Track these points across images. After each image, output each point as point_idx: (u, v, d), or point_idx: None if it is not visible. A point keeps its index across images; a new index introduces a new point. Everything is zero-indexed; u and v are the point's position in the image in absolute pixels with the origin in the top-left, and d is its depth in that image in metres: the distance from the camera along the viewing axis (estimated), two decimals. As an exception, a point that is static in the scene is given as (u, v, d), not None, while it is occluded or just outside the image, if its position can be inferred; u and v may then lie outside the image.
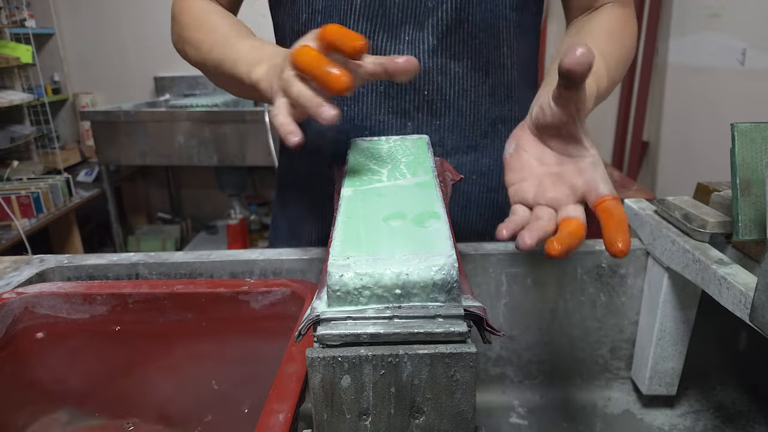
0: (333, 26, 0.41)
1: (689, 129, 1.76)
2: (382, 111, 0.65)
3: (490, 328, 0.30)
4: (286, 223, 0.77)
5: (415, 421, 0.29)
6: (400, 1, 0.61)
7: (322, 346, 0.28)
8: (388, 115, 0.65)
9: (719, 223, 0.52)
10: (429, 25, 0.62)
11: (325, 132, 0.68)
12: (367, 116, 0.65)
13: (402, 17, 0.61)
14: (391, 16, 0.61)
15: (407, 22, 0.62)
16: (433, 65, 0.63)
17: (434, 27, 0.62)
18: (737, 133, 0.46)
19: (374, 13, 0.61)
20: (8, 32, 2.42)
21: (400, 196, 0.38)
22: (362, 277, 0.28)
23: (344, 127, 0.66)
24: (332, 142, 0.68)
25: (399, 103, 0.64)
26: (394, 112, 0.65)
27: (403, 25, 0.62)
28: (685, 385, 0.64)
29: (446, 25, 0.62)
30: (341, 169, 0.49)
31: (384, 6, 0.61)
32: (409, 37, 0.62)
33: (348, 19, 0.62)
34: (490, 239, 0.68)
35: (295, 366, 0.39)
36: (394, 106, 0.65)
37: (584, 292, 0.64)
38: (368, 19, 0.62)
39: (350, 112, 0.66)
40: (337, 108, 0.41)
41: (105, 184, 2.43)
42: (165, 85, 2.89)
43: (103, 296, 0.53)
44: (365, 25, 0.62)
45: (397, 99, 0.64)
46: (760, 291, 0.38)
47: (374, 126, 0.66)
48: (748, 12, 1.45)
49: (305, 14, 0.64)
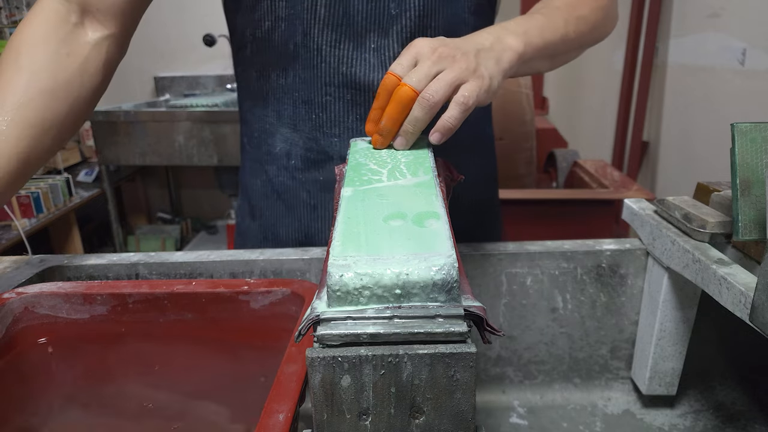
0: None
1: (689, 129, 1.76)
2: (350, 118, 0.65)
3: (490, 328, 0.30)
4: (257, 229, 0.75)
5: (415, 421, 0.29)
6: (363, 9, 0.60)
7: (322, 346, 0.28)
8: (357, 122, 0.65)
9: (719, 223, 0.52)
10: (393, 32, 0.62)
11: (295, 139, 0.67)
12: (336, 123, 0.65)
13: (366, 25, 0.61)
14: (355, 25, 0.61)
15: (372, 30, 0.61)
16: None
17: (399, 34, 0.62)
18: (737, 133, 0.46)
19: (338, 22, 0.61)
20: (8, 32, 2.42)
21: (400, 196, 0.38)
22: (362, 277, 0.28)
23: (313, 134, 0.66)
24: (301, 148, 0.67)
25: (367, 110, 0.64)
26: (362, 119, 0.65)
27: (368, 33, 0.62)
28: (685, 385, 0.64)
29: (410, 31, 0.62)
30: (341, 169, 0.49)
31: (348, 14, 0.61)
32: (374, 44, 0.62)
33: (312, 28, 0.61)
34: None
35: (295, 366, 0.39)
36: (362, 113, 0.65)
37: (584, 292, 0.64)
38: (333, 28, 0.61)
39: (318, 119, 0.65)
40: None
41: (105, 184, 2.43)
42: (165, 85, 2.89)
43: (103, 296, 0.53)
44: (330, 34, 0.61)
45: (365, 106, 0.64)
46: (760, 291, 0.38)
47: (343, 133, 0.66)
48: (748, 12, 1.45)
49: (268, 21, 0.63)
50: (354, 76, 0.63)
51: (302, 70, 0.64)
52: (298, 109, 0.66)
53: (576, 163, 1.82)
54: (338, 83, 0.63)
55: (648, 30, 1.93)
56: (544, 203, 1.50)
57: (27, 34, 0.53)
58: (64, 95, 0.53)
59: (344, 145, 0.66)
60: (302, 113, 0.66)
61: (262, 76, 0.67)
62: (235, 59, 0.71)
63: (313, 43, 0.62)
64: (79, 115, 0.56)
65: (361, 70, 0.63)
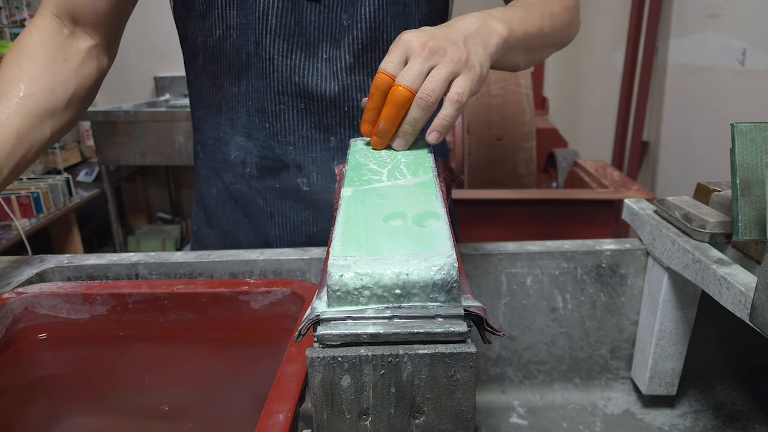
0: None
1: (689, 129, 1.76)
2: (304, 126, 0.65)
3: (490, 328, 0.30)
4: (214, 237, 0.75)
5: (415, 421, 0.29)
6: (315, 20, 0.61)
7: (322, 346, 0.28)
8: (311, 130, 0.65)
9: (719, 223, 0.52)
10: (345, 43, 0.62)
11: (250, 147, 0.67)
12: (290, 131, 0.65)
13: (318, 35, 0.61)
14: (307, 35, 0.61)
15: (324, 41, 0.62)
16: (351, 82, 0.64)
17: (350, 45, 0.62)
18: (737, 133, 0.46)
19: (290, 32, 0.61)
20: (8, 32, 2.42)
21: (400, 196, 0.38)
22: (362, 277, 0.28)
23: (268, 142, 0.66)
24: (256, 156, 0.67)
25: (321, 119, 0.65)
26: (317, 127, 0.65)
27: (320, 44, 0.62)
28: (685, 385, 0.64)
29: (361, 43, 0.62)
30: (341, 169, 0.49)
31: (300, 24, 0.61)
32: (326, 55, 0.62)
33: (263, 38, 0.61)
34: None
35: (295, 366, 0.39)
36: (316, 122, 0.65)
37: (584, 292, 0.64)
38: (285, 38, 0.61)
39: (272, 128, 0.65)
40: None
41: (105, 184, 2.43)
42: (165, 85, 2.89)
43: (103, 296, 0.53)
44: (281, 44, 0.61)
45: (318, 115, 0.65)
46: (760, 291, 0.38)
47: (298, 141, 0.66)
48: (748, 12, 1.45)
49: (219, 30, 0.63)
50: (306, 86, 0.63)
51: (255, 78, 0.64)
52: (251, 118, 0.66)
53: (576, 163, 1.82)
54: (291, 92, 0.64)
55: (648, 30, 1.93)
56: (544, 203, 1.50)
57: (26, 43, 0.59)
58: (61, 93, 0.58)
59: (299, 153, 0.66)
60: (256, 122, 0.66)
61: (214, 84, 0.67)
62: (186, 67, 0.71)
63: (265, 52, 0.62)
64: (76, 111, 0.61)
65: (313, 80, 0.63)
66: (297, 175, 0.67)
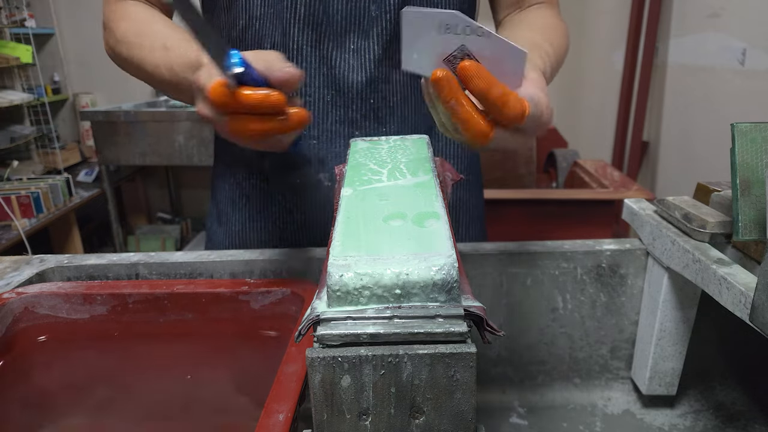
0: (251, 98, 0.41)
1: (689, 129, 1.76)
2: (329, 120, 0.65)
3: (490, 328, 0.30)
4: (222, 235, 0.75)
5: (415, 421, 0.29)
6: (343, 9, 0.60)
7: (322, 346, 0.28)
8: (336, 124, 0.65)
9: (719, 223, 0.52)
10: (374, 33, 0.62)
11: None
12: (314, 125, 0.65)
13: (346, 25, 0.61)
14: (335, 24, 0.61)
15: (352, 31, 0.62)
16: (378, 74, 0.63)
17: (379, 36, 0.62)
18: (737, 133, 0.46)
19: (318, 21, 0.61)
20: (8, 32, 2.42)
21: (400, 196, 0.38)
22: (362, 277, 0.28)
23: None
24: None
25: (346, 112, 0.65)
26: (341, 121, 0.65)
27: (348, 34, 0.62)
28: (685, 385, 0.64)
29: (390, 34, 0.62)
30: (341, 169, 0.49)
31: (328, 14, 0.61)
32: (354, 45, 0.62)
33: (292, 27, 0.61)
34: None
35: (295, 366, 0.39)
36: (341, 115, 0.65)
37: (584, 292, 0.64)
38: (313, 28, 0.61)
39: None
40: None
41: (105, 184, 2.43)
42: (165, 85, 2.88)
43: (103, 296, 0.53)
44: (310, 34, 0.61)
45: (344, 108, 0.64)
46: (760, 291, 0.38)
47: (321, 135, 0.66)
48: (748, 12, 1.45)
49: (242, 20, 0.63)
50: (334, 77, 0.63)
51: None
52: None
53: (576, 163, 1.82)
54: (319, 84, 0.63)
55: (648, 30, 1.93)
56: (544, 203, 1.50)
57: (137, 12, 0.65)
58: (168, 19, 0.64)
59: (322, 147, 0.66)
60: None
61: None
62: None
63: (293, 42, 0.62)
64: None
65: (341, 71, 0.63)
66: (319, 170, 0.67)
